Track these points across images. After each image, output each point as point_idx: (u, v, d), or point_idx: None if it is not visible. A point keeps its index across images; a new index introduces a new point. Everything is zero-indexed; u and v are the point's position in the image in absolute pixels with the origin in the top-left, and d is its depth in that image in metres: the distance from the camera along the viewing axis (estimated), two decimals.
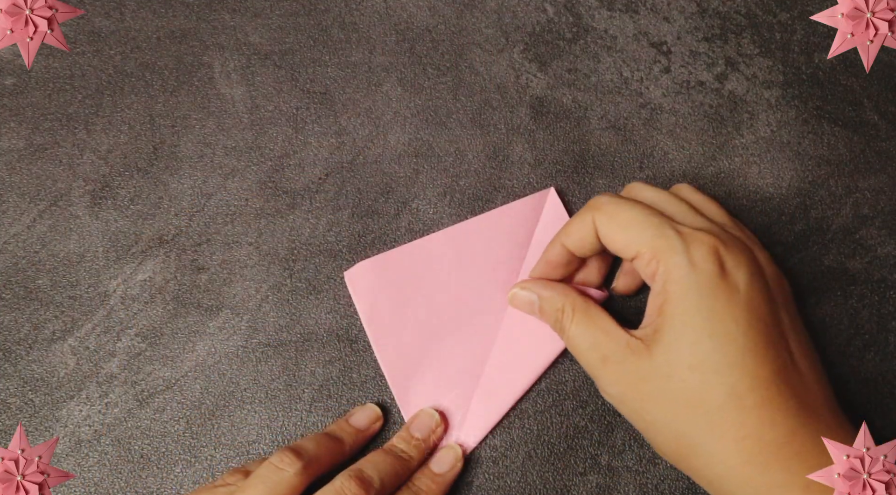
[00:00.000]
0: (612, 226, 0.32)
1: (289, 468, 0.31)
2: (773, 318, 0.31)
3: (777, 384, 0.29)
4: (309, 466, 0.32)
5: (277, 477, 0.31)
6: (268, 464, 0.32)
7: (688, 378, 0.30)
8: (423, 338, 0.37)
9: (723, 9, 0.42)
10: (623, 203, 0.33)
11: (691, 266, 0.30)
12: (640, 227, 0.32)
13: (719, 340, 0.30)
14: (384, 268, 0.38)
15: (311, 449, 0.33)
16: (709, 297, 0.30)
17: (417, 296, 0.38)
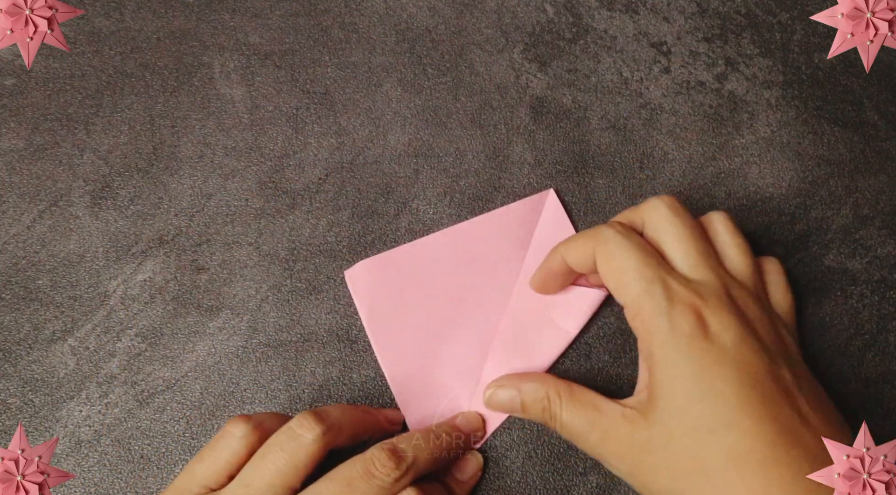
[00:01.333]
0: (608, 268, 0.32)
1: (308, 433, 0.30)
2: (770, 376, 0.29)
3: (783, 442, 0.28)
4: (329, 431, 0.30)
5: (295, 444, 0.30)
6: (287, 429, 0.30)
7: (685, 443, 0.29)
8: (424, 338, 0.37)
9: (723, 9, 0.42)
10: (622, 245, 0.31)
11: (672, 329, 0.29)
12: (630, 278, 0.31)
13: (710, 401, 0.28)
14: (384, 267, 0.38)
15: (335, 415, 0.31)
16: (694, 359, 0.29)
17: (418, 295, 0.38)
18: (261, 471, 0.30)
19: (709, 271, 0.31)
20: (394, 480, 0.30)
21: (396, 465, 0.30)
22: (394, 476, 0.30)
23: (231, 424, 0.31)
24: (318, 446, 0.30)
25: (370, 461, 0.30)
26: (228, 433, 0.31)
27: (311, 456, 0.30)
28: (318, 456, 0.30)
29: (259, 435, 0.31)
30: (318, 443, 0.30)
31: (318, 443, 0.30)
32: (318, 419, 0.31)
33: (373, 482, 0.30)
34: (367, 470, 0.30)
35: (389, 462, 0.30)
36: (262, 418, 0.32)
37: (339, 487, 0.30)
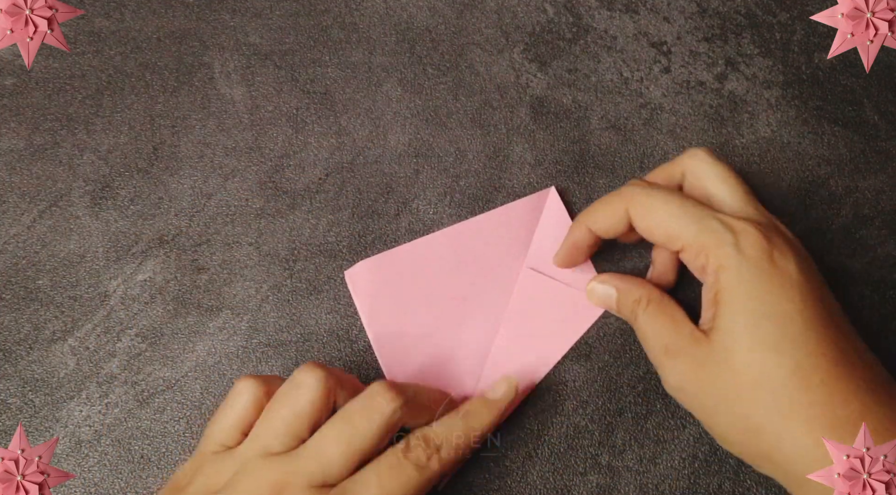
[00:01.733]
0: (650, 222, 0.32)
1: (311, 380, 0.30)
2: (826, 303, 0.31)
3: (843, 362, 0.29)
4: (330, 378, 0.31)
5: (300, 390, 0.30)
6: (291, 379, 0.31)
7: (749, 359, 0.30)
8: (424, 338, 0.37)
9: (723, 9, 0.42)
10: (657, 195, 0.33)
11: (742, 255, 0.30)
12: (683, 222, 0.32)
13: (777, 320, 0.30)
14: (385, 267, 0.38)
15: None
16: (762, 282, 0.30)
17: (418, 295, 0.38)
18: (267, 422, 0.30)
19: (758, 207, 0.33)
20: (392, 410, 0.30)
21: (393, 397, 0.30)
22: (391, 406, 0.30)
23: (240, 382, 0.32)
24: (320, 391, 0.30)
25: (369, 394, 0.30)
26: (237, 391, 0.32)
27: (314, 400, 0.30)
28: (322, 401, 0.30)
29: (266, 390, 0.32)
30: (320, 387, 0.30)
31: (320, 388, 0.30)
32: (319, 367, 0.31)
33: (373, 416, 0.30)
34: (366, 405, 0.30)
35: (387, 393, 0.30)
36: (267, 377, 0.32)
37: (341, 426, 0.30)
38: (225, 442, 0.31)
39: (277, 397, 0.31)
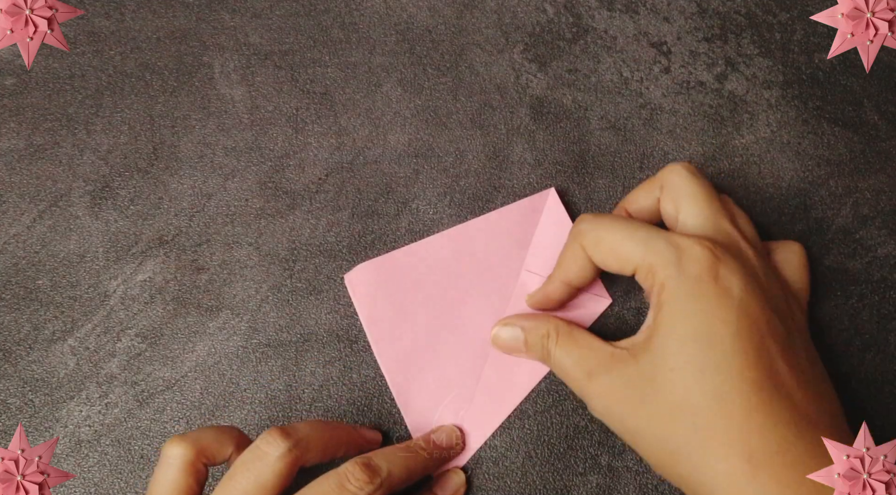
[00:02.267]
0: (602, 251, 0.32)
1: (274, 450, 0.29)
2: (769, 326, 0.30)
3: (769, 390, 0.28)
4: (296, 447, 0.30)
5: (261, 463, 0.29)
6: (253, 448, 0.30)
7: (671, 380, 0.29)
8: (424, 340, 0.37)
9: (723, 9, 0.42)
10: (604, 224, 0.32)
11: (682, 274, 0.30)
12: (630, 245, 0.31)
13: (705, 342, 0.29)
14: (384, 270, 0.38)
15: (303, 431, 0.31)
16: (698, 300, 0.29)
17: (417, 297, 0.38)
18: (229, 493, 0.29)
19: (721, 224, 0.32)
20: (367, 494, 0.30)
21: (370, 479, 0.30)
22: (367, 490, 0.30)
23: (166, 447, 0.31)
24: (285, 463, 0.29)
25: (343, 475, 0.30)
26: (167, 457, 0.30)
27: (278, 474, 0.29)
28: (286, 473, 0.30)
29: (196, 450, 0.30)
30: (284, 460, 0.29)
31: (285, 460, 0.29)
32: (284, 435, 0.30)
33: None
34: (340, 485, 0.29)
35: (363, 475, 0.30)
36: (197, 434, 0.31)
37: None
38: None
39: (242, 465, 0.30)
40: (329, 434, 0.32)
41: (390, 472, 0.31)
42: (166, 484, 0.30)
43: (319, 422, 0.32)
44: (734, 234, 0.32)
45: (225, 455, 0.31)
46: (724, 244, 0.31)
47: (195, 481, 0.30)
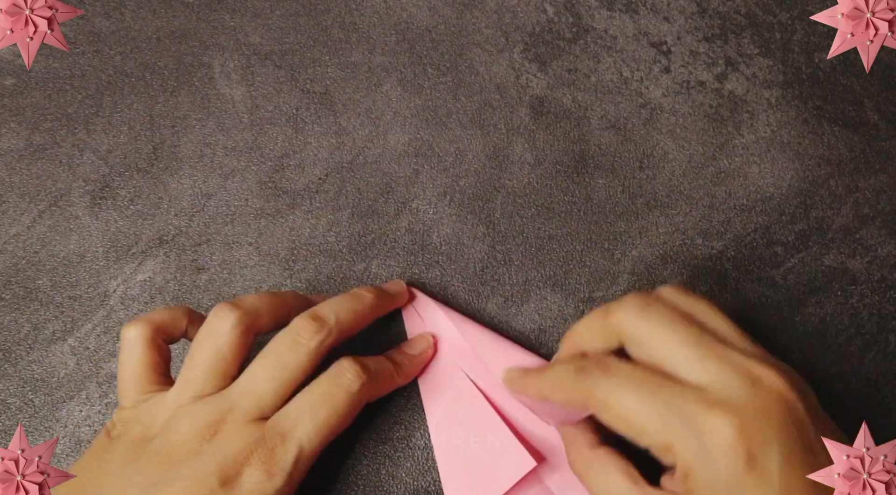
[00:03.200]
0: (611, 416, 0.28)
1: (225, 322, 0.31)
2: (814, 488, 0.26)
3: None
4: (245, 316, 0.31)
5: (216, 335, 0.31)
6: (206, 324, 0.31)
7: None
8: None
9: (723, 9, 0.42)
10: (614, 387, 0.28)
11: (708, 461, 0.26)
12: (642, 416, 0.27)
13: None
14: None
15: (250, 300, 0.32)
16: (735, 491, 0.26)
17: None
18: (193, 368, 0.31)
19: (720, 363, 0.28)
20: (318, 343, 0.31)
21: (318, 329, 0.31)
22: (318, 339, 0.31)
23: (123, 330, 0.32)
24: (239, 331, 0.31)
25: (294, 330, 0.31)
26: (127, 340, 0.32)
27: (233, 343, 0.31)
28: (241, 341, 0.31)
29: (154, 327, 0.32)
30: (237, 329, 0.31)
31: (238, 329, 0.31)
32: (232, 306, 0.31)
33: (300, 349, 0.31)
34: (293, 340, 0.31)
35: (312, 326, 0.31)
36: (150, 315, 0.33)
37: (270, 362, 0.31)
38: (144, 389, 0.32)
39: (199, 340, 0.31)
40: (277, 300, 0.33)
41: (338, 319, 0.32)
42: (133, 361, 0.32)
43: (266, 293, 0.34)
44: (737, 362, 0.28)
45: (181, 329, 0.33)
46: (735, 392, 0.27)
47: (159, 356, 0.32)
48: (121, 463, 0.30)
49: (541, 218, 0.39)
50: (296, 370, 0.31)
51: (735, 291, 0.39)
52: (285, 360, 0.31)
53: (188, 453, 0.30)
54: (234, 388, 0.31)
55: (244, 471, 0.29)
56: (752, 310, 0.38)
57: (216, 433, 0.30)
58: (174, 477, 0.29)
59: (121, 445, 0.31)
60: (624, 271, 0.39)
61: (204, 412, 0.30)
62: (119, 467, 0.30)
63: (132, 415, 0.32)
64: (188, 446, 0.30)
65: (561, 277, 0.39)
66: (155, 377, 0.32)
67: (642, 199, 0.40)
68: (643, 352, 0.29)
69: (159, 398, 0.32)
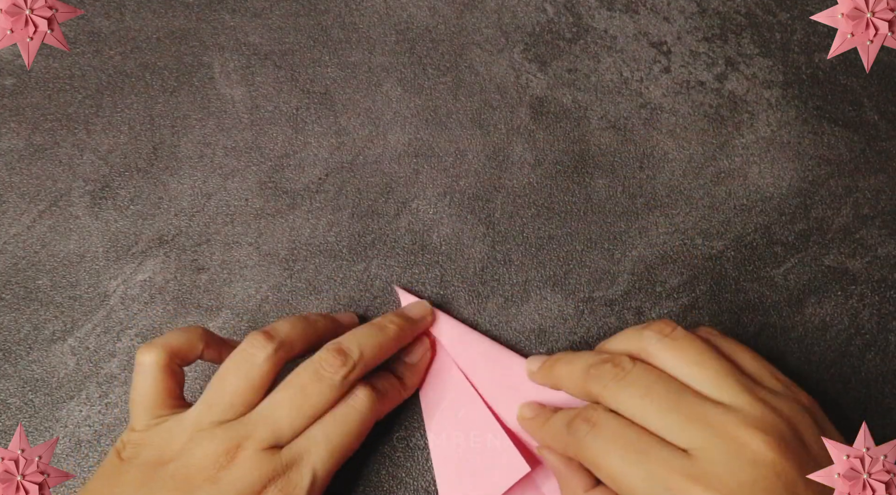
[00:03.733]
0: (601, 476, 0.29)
1: (260, 353, 0.31)
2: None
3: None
4: (280, 348, 0.32)
5: (249, 365, 0.31)
6: (240, 351, 0.31)
7: None
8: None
9: (723, 9, 0.42)
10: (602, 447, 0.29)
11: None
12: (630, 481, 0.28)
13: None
14: None
15: (284, 330, 0.32)
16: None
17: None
18: (220, 393, 0.31)
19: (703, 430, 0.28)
20: (342, 377, 0.31)
21: (343, 363, 0.31)
22: (342, 373, 0.31)
23: (139, 354, 0.32)
24: (272, 364, 0.31)
25: (318, 363, 0.31)
26: (144, 364, 0.32)
27: (265, 374, 0.31)
28: (274, 372, 0.32)
29: (168, 353, 0.32)
30: (271, 361, 0.31)
31: (272, 361, 0.31)
32: (268, 338, 0.31)
33: (324, 383, 0.31)
34: (316, 373, 0.31)
35: (336, 360, 0.31)
36: (165, 338, 0.32)
37: (293, 393, 0.31)
38: (158, 413, 0.32)
39: (229, 366, 0.31)
40: (309, 328, 0.33)
41: (362, 353, 0.32)
42: (147, 387, 0.32)
43: (298, 318, 0.34)
44: (757, 393, 0.29)
45: (196, 353, 0.33)
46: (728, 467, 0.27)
47: (174, 382, 0.32)
48: (134, 487, 0.30)
49: (541, 218, 0.39)
50: (317, 402, 0.31)
51: (735, 291, 0.39)
52: (308, 392, 0.31)
53: (205, 480, 0.30)
54: (254, 415, 0.31)
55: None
56: (752, 310, 0.38)
57: (233, 460, 0.30)
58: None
59: (133, 468, 0.30)
60: (624, 271, 0.39)
61: (222, 438, 0.30)
62: (133, 491, 0.30)
63: (145, 438, 0.31)
64: (205, 472, 0.30)
65: (561, 277, 0.39)
66: (169, 401, 0.32)
67: (642, 199, 0.40)
68: (671, 370, 0.30)
69: (175, 420, 0.31)
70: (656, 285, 0.39)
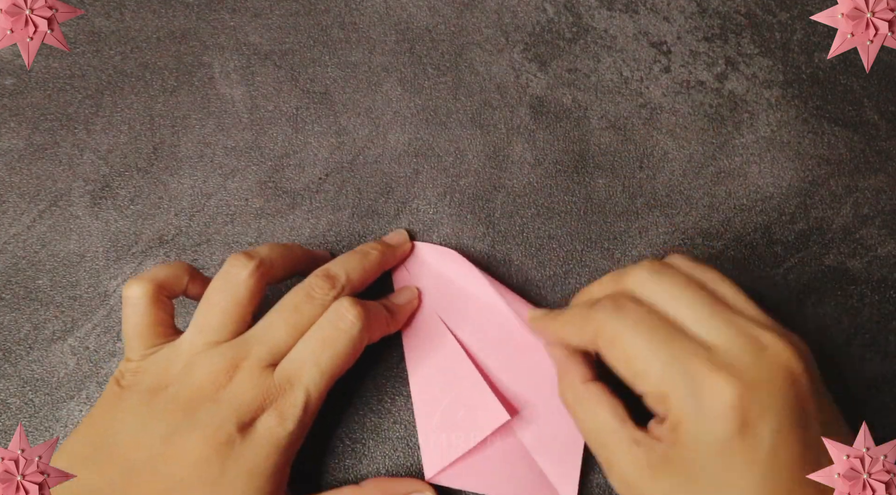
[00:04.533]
0: (614, 355, 0.29)
1: (242, 270, 0.32)
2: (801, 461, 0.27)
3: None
4: (261, 265, 0.33)
5: (233, 283, 0.32)
6: (223, 272, 0.32)
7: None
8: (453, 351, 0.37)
9: (723, 9, 0.42)
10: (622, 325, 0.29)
11: (704, 419, 0.27)
12: (646, 362, 0.28)
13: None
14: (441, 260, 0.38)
15: (264, 251, 0.34)
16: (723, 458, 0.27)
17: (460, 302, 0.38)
18: (209, 315, 0.32)
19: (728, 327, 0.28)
20: (332, 298, 0.33)
21: (332, 285, 0.33)
22: (331, 295, 0.33)
23: (125, 289, 0.32)
24: (255, 279, 0.32)
25: (309, 286, 0.33)
26: (132, 296, 0.32)
27: (250, 289, 0.32)
28: (257, 288, 0.32)
29: (154, 285, 0.33)
30: (253, 277, 0.32)
31: (254, 277, 0.32)
32: (248, 256, 0.33)
33: (315, 302, 0.32)
34: (307, 294, 0.33)
35: (325, 284, 0.33)
36: (151, 272, 0.33)
37: (286, 313, 0.32)
38: (151, 343, 0.32)
39: (214, 288, 0.32)
40: (287, 252, 0.35)
41: (348, 276, 0.34)
42: (137, 319, 0.32)
43: (275, 244, 0.35)
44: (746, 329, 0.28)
45: (182, 285, 0.34)
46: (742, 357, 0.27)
47: (164, 312, 0.33)
48: (137, 413, 0.30)
49: (541, 218, 0.39)
50: (310, 320, 0.32)
51: None
52: (301, 310, 0.32)
53: (205, 399, 0.30)
54: (250, 335, 0.32)
55: (259, 417, 0.30)
56: None
57: (231, 379, 0.31)
58: (192, 424, 0.30)
59: (134, 394, 0.31)
60: None
61: (220, 358, 0.31)
62: (135, 416, 0.30)
63: (141, 366, 0.32)
64: (204, 392, 0.30)
65: (561, 277, 0.39)
66: (161, 330, 0.33)
67: (642, 199, 0.40)
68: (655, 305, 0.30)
69: (170, 347, 0.32)
70: None
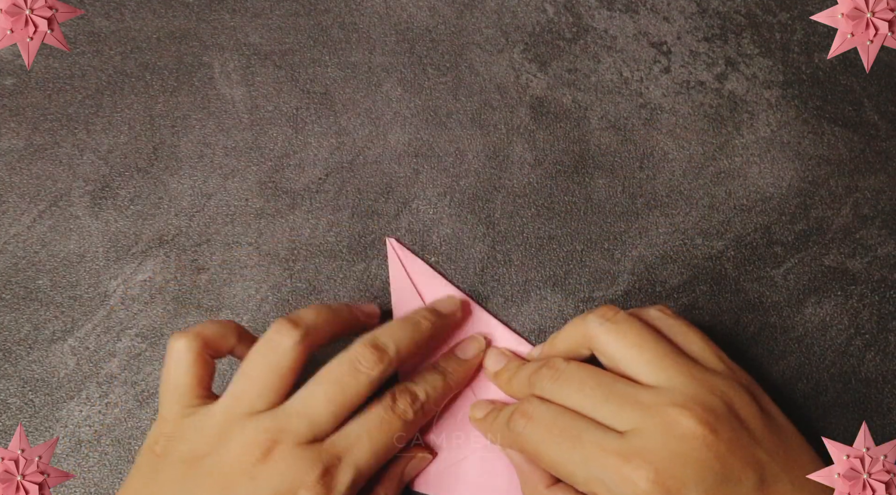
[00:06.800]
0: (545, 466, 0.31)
1: (286, 340, 0.31)
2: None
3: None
4: (307, 336, 0.31)
5: (276, 353, 0.31)
6: (266, 340, 0.31)
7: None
8: None
9: (723, 9, 0.42)
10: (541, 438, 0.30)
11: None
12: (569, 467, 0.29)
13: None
14: None
15: (310, 318, 0.32)
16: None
17: None
18: (249, 383, 0.31)
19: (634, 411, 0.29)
20: (379, 372, 0.31)
21: (380, 358, 0.31)
22: (378, 368, 0.31)
23: (172, 341, 0.31)
24: (299, 351, 0.31)
25: (354, 357, 0.31)
26: (177, 350, 0.31)
27: (293, 362, 0.31)
28: (300, 360, 0.31)
29: (201, 342, 0.31)
30: (297, 349, 0.31)
31: (298, 349, 0.31)
32: (294, 325, 0.31)
33: (360, 377, 0.31)
34: (352, 367, 0.31)
35: (372, 356, 0.31)
36: (199, 328, 0.32)
37: (330, 386, 0.31)
38: (189, 403, 0.31)
39: (255, 355, 0.31)
40: (334, 317, 0.33)
41: (397, 349, 0.32)
42: (180, 374, 0.31)
43: (322, 306, 0.33)
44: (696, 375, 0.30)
45: (229, 346, 0.32)
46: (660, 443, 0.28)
47: (205, 371, 0.31)
48: (174, 485, 0.29)
49: (541, 218, 0.39)
50: (354, 396, 0.31)
51: (735, 291, 0.39)
52: (344, 386, 0.31)
53: (242, 475, 0.29)
54: (289, 408, 0.30)
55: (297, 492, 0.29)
56: (752, 310, 0.38)
57: (269, 454, 0.29)
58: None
59: (170, 465, 0.30)
60: (624, 271, 0.39)
61: (257, 431, 0.30)
62: (173, 489, 0.29)
63: (176, 431, 0.31)
64: (241, 467, 0.29)
65: (561, 277, 0.39)
66: (200, 391, 0.31)
67: (642, 199, 0.40)
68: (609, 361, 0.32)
69: (204, 412, 0.31)
70: (656, 285, 0.39)
